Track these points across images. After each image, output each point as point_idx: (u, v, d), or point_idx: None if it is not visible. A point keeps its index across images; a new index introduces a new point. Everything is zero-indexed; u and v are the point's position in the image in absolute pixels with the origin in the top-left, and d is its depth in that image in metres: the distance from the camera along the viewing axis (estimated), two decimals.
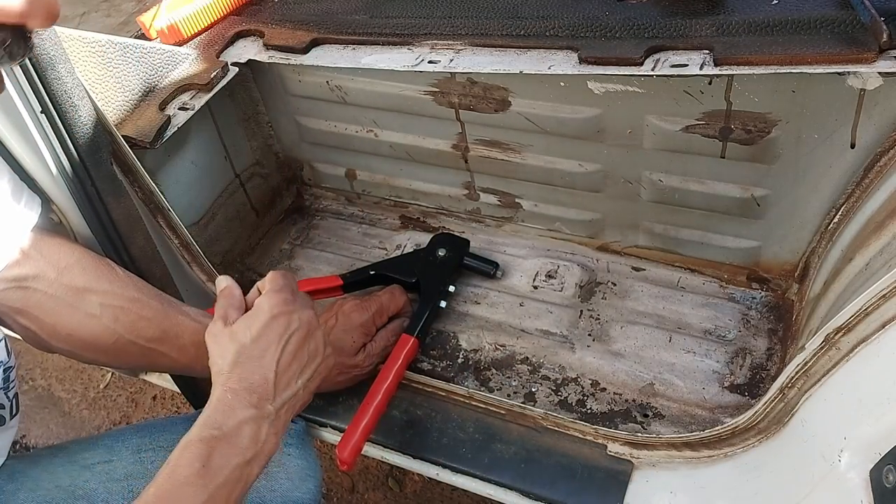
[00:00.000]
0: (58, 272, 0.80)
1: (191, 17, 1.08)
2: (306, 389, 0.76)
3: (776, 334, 1.02)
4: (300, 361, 0.76)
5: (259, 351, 0.74)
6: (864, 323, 0.64)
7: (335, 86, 1.15)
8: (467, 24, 0.96)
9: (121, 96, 0.95)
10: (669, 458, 0.85)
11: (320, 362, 0.78)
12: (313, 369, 0.77)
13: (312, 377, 0.77)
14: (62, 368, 1.82)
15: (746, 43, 0.79)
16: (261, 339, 0.74)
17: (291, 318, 0.76)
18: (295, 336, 0.76)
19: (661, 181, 1.03)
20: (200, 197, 1.19)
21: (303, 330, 0.77)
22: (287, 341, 0.75)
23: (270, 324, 0.75)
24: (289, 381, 0.74)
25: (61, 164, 0.79)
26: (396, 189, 1.30)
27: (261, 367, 0.73)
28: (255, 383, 0.72)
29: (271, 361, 0.74)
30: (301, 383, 0.76)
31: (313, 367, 0.77)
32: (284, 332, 0.75)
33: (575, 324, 1.09)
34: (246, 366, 0.73)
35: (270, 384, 0.73)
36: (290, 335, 0.76)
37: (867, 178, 0.87)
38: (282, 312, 0.76)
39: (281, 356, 0.74)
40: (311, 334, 0.77)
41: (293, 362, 0.75)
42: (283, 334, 0.75)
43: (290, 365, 0.75)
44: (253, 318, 0.76)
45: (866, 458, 0.60)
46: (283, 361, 0.74)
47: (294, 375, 0.75)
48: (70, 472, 0.83)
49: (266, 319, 0.75)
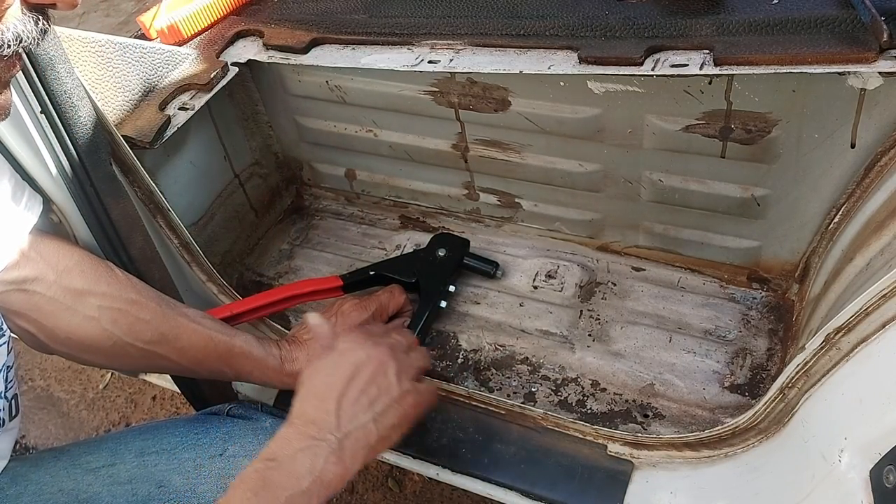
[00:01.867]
0: (57, 274, 0.80)
1: (191, 17, 1.07)
2: (379, 424, 0.76)
3: (776, 334, 1.02)
4: (369, 396, 0.76)
5: (323, 387, 0.76)
6: (864, 323, 0.64)
7: (335, 86, 1.15)
8: (467, 23, 0.96)
9: (120, 96, 0.95)
10: (669, 459, 0.85)
11: (395, 397, 0.78)
12: (385, 403, 0.77)
13: (385, 412, 0.76)
14: (61, 369, 1.82)
15: (746, 43, 0.79)
16: (326, 376, 0.77)
17: (360, 354, 0.79)
18: (365, 369, 0.78)
19: (662, 181, 1.03)
20: (200, 197, 1.18)
21: (373, 363, 0.78)
22: (355, 375, 0.77)
23: (340, 362, 0.78)
24: (355, 414, 0.75)
25: (61, 164, 0.79)
26: (396, 189, 1.30)
27: (322, 401, 0.75)
28: (315, 417, 0.74)
29: (334, 394, 0.75)
30: (370, 416, 0.75)
31: (385, 402, 0.77)
32: (354, 366, 0.78)
33: (575, 324, 1.09)
34: (309, 402, 0.76)
35: (332, 415, 0.74)
36: (360, 369, 0.78)
37: (867, 177, 0.87)
38: (352, 348, 0.79)
39: (346, 389, 0.76)
40: (383, 369, 0.78)
41: (361, 396, 0.76)
42: (353, 368, 0.78)
43: (358, 399, 0.76)
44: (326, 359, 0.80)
45: (866, 458, 0.59)
46: (348, 395, 0.76)
47: (362, 408, 0.75)
48: (73, 476, 0.83)
49: (336, 358, 0.79)
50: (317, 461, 0.70)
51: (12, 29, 0.56)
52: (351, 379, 0.77)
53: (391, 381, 0.78)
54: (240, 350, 0.90)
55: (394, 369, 0.79)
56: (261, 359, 0.92)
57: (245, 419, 0.94)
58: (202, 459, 0.86)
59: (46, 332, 0.82)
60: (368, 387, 0.77)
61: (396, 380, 0.79)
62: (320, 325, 0.88)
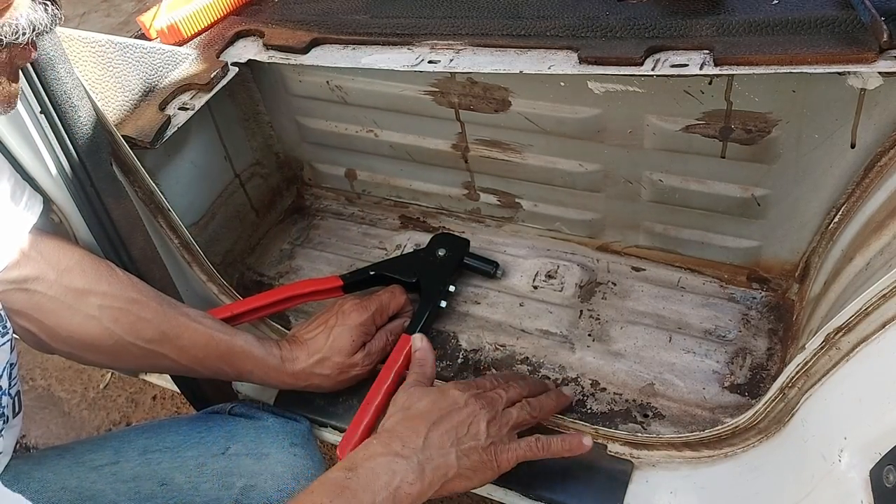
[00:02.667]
0: (58, 274, 0.80)
1: (191, 17, 1.07)
2: (461, 461, 0.77)
3: (776, 334, 1.02)
4: (458, 434, 0.79)
5: (418, 412, 0.80)
6: (864, 323, 0.64)
7: (335, 86, 1.15)
8: (467, 24, 0.96)
9: (121, 96, 0.95)
10: (669, 458, 0.85)
11: (481, 443, 0.79)
12: (469, 446, 0.78)
13: (469, 452, 0.78)
14: (62, 368, 1.82)
15: (746, 43, 0.79)
16: (424, 405, 0.81)
17: (459, 398, 0.82)
18: (460, 412, 0.80)
19: (662, 181, 1.03)
20: (200, 197, 1.18)
21: (468, 409, 0.81)
22: (449, 412, 0.80)
23: (439, 397, 0.82)
24: (441, 443, 0.77)
25: (61, 164, 0.79)
26: (396, 189, 1.30)
27: (414, 423, 0.78)
28: (403, 435, 0.77)
29: (426, 422, 0.78)
30: (454, 451, 0.77)
31: (469, 444, 0.78)
32: (450, 405, 0.81)
33: (575, 324, 1.09)
34: (401, 421, 0.79)
35: (420, 438, 0.76)
36: (455, 409, 0.81)
37: (867, 177, 0.87)
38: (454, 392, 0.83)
39: (439, 421, 0.79)
40: (477, 419, 0.80)
41: (450, 431, 0.78)
42: (448, 407, 0.81)
43: (448, 432, 0.78)
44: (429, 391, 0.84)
45: (866, 458, 0.59)
46: (440, 426, 0.78)
47: (448, 441, 0.78)
48: (77, 474, 0.83)
49: (438, 394, 0.83)
50: (395, 477, 0.72)
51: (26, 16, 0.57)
52: (446, 415, 0.80)
53: (480, 429, 0.80)
54: (240, 349, 0.90)
55: (486, 419, 0.81)
56: (261, 358, 0.92)
57: (247, 418, 0.95)
58: (205, 458, 0.86)
59: (47, 332, 0.82)
60: (459, 426, 0.79)
61: (486, 429, 0.80)
62: (424, 352, 0.93)
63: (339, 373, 0.96)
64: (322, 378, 0.96)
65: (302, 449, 0.91)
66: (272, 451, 0.88)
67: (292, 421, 0.96)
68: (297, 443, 0.91)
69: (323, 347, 0.95)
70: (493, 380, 0.90)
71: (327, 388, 0.98)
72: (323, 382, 0.96)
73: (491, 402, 0.83)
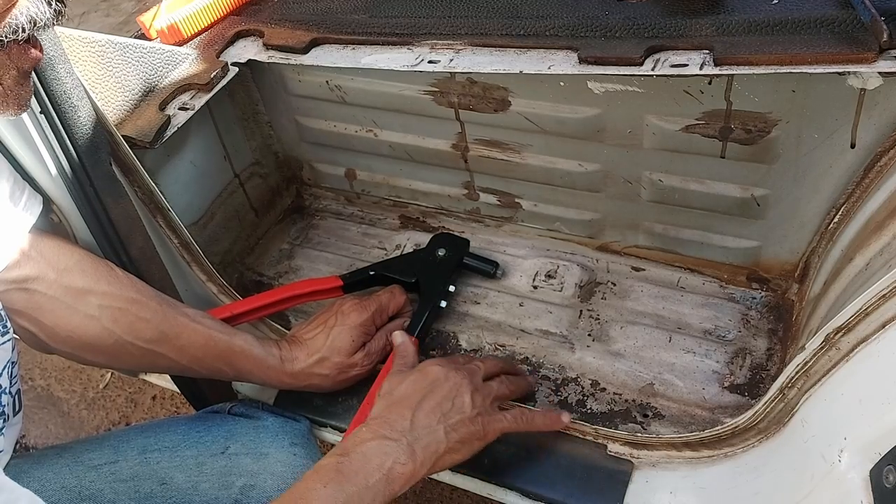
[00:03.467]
0: (58, 273, 0.80)
1: (191, 17, 1.07)
2: (449, 435, 0.78)
3: (776, 334, 1.02)
4: (443, 409, 0.80)
5: (400, 396, 0.81)
6: (864, 323, 0.64)
7: (335, 85, 1.15)
8: (467, 23, 0.96)
9: (121, 96, 0.95)
10: (669, 458, 0.85)
11: (467, 415, 0.80)
12: (457, 419, 0.80)
13: (456, 426, 0.79)
14: (61, 368, 1.82)
15: (746, 43, 0.79)
16: (405, 387, 0.82)
17: (439, 373, 0.83)
18: (441, 387, 0.82)
19: (661, 181, 1.03)
20: (200, 197, 1.18)
21: (450, 383, 0.82)
22: (431, 390, 0.81)
23: (420, 377, 0.83)
24: (428, 422, 0.78)
25: (61, 164, 0.79)
26: (396, 189, 1.30)
27: (399, 407, 0.79)
28: (390, 418, 0.77)
29: (410, 403, 0.79)
30: (442, 427, 0.78)
31: (457, 418, 0.80)
32: (432, 382, 0.82)
33: (575, 324, 1.09)
34: (386, 406, 0.80)
35: (406, 420, 0.77)
36: (436, 385, 0.82)
37: (867, 177, 0.87)
38: (433, 368, 0.84)
39: (423, 401, 0.80)
40: (460, 391, 0.82)
41: (435, 408, 0.79)
42: (430, 385, 0.82)
43: (432, 410, 0.79)
44: (408, 373, 0.85)
45: (866, 458, 0.59)
46: (424, 405, 0.79)
47: (435, 419, 0.79)
48: (76, 473, 0.83)
49: (417, 374, 0.84)
50: (386, 459, 0.73)
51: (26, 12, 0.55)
52: (428, 392, 0.81)
53: (465, 401, 0.81)
54: (240, 349, 0.90)
55: (469, 390, 0.82)
56: (261, 358, 0.92)
57: (247, 417, 0.95)
58: (204, 457, 0.86)
59: (47, 332, 0.82)
60: (443, 402, 0.80)
61: (471, 400, 0.81)
62: (405, 344, 0.93)
63: (338, 373, 0.96)
64: (321, 378, 0.96)
65: (302, 448, 0.91)
66: (271, 450, 0.88)
67: (292, 421, 0.96)
68: (296, 442, 0.91)
69: (322, 347, 0.95)
70: (466, 356, 0.93)
71: (327, 388, 0.98)
72: (322, 382, 0.96)
73: (471, 373, 0.85)
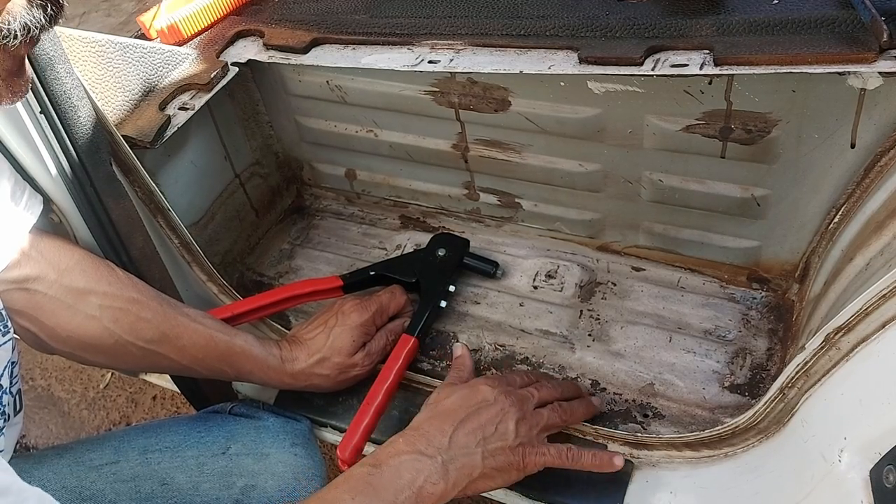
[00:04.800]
0: (58, 274, 0.80)
1: (191, 17, 1.07)
2: (486, 461, 0.76)
3: (776, 334, 1.02)
4: (485, 433, 0.78)
5: (445, 410, 0.79)
6: (864, 323, 0.64)
7: (335, 86, 1.15)
8: (467, 23, 0.96)
9: (121, 96, 0.95)
10: (669, 458, 0.85)
11: (509, 443, 0.78)
12: (496, 446, 0.78)
13: (495, 453, 0.77)
14: (62, 368, 1.82)
15: (746, 43, 0.79)
16: (452, 402, 0.80)
17: (488, 394, 0.81)
18: (488, 409, 0.79)
19: (661, 181, 1.03)
20: (200, 197, 1.18)
21: (497, 407, 0.80)
22: (477, 410, 0.79)
23: (469, 394, 0.81)
24: (467, 443, 0.76)
25: (61, 164, 0.79)
26: (396, 189, 1.30)
27: (441, 422, 0.77)
28: (429, 433, 0.76)
29: (453, 420, 0.77)
30: (480, 451, 0.76)
31: (496, 444, 0.78)
32: (479, 403, 0.80)
33: (575, 324, 1.09)
34: (428, 419, 0.78)
35: (446, 437, 0.75)
36: (483, 407, 0.80)
37: (867, 178, 0.87)
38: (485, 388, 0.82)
39: (466, 420, 0.78)
40: (506, 417, 0.79)
41: (477, 430, 0.77)
42: (477, 404, 0.80)
43: (473, 431, 0.77)
44: (458, 388, 0.83)
45: (866, 458, 0.60)
46: (466, 425, 0.77)
47: (475, 441, 0.77)
48: (76, 473, 0.83)
49: (467, 391, 0.82)
50: (418, 476, 0.72)
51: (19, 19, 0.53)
52: (473, 412, 0.79)
53: (509, 428, 0.79)
54: (240, 349, 0.91)
55: (515, 418, 0.80)
56: (261, 358, 0.92)
57: (248, 417, 0.95)
58: (205, 457, 0.86)
59: (47, 332, 0.82)
60: (487, 425, 0.78)
61: (514, 428, 0.79)
62: (463, 357, 0.93)
63: (338, 373, 0.96)
64: (322, 378, 0.96)
65: (302, 448, 0.91)
66: (272, 450, 0.88)
67: (292, 421, 0.96)
68: (297, 442, 0.91)
69: (323, 348, 0.95)
70: (524, 376, 0.89)
71: (327, 389, 0.98)
72: (323, 382, 0.96)
73: (521, 400, 0.82)
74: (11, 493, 0.54)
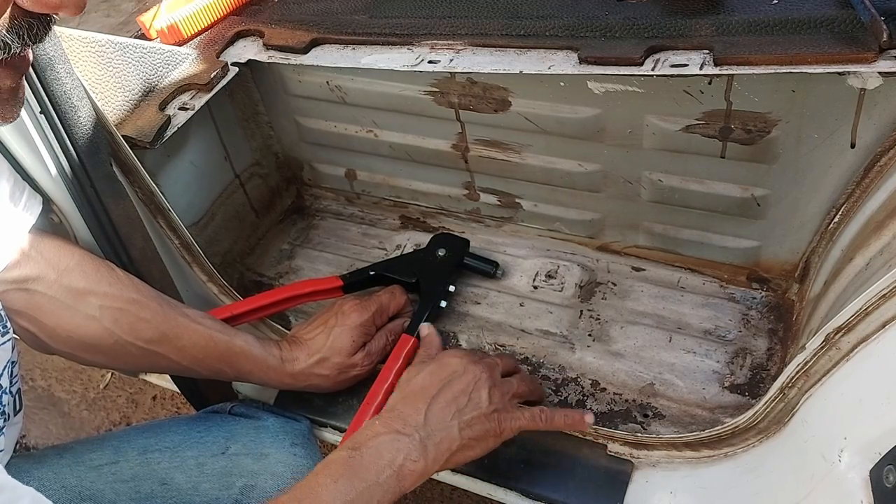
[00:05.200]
0: (58, 274, 0.80)
1: (191, 17, 1.07)
2: (463, 432, 0.77)
3: (776, 334, 1.02)
4: (458, 404, 0.78)
5: (417, 388, 0.79)
6: (864, 323, 0.64)
7: (335, 86, 1.15)
8: (467, 24, 0.96)
9: (121, 96, 0.95)
10: (669, 458, 0.85)
11: (483, 411, 0.79)
12: (473, 415, 0.78)
13: (471, 422, 0.78)
14: (62, 369, 1.82)
15: (746, 43, 0.79)
16: (422, 379, 0.80)
17: (457, 365, 0.81)
18: (459, 380, 0.80)
19: (661, 181, 1.03)
20: (200, 197, 1.18)
21: (468, 377, 0.80)
22: (448, 382, 0.79)
23: (437, 368, 0.82)
24: (442, 417, 0.77)
25: (61, 164, 0.79)
26: (396, 189, 1.30)
27: (414, 400, 0.78)
28: (404, 412, 0.76)
29: (426, 396, 0.78)
30: (456, 423, 0.77)
31: (473, 413, 0.78)
32: (449, 375, 0.80)
33: (575, 324, 1.09)
34: (401, 399, 0.79)
35: (420, 414, 0.76)
36: (454, 378, 0.80)
37: (867, 177, 0.87)
38: (452, 360, 0.82)
39: (438, 394, 0.78)
40: (478, 385, 0.80)
41: (451, 402, 0.78)
42: (447, 377, 0.80)
43: (448, 404, 0.78)
44: (426, 364, 0.83)
45: (866, 458, 0.59)
46: (439, 399, 0.78)
47: (449, 414, 0.77)
48: (76, 473, 0.83)
49: (435, 365, 0.82)
50: (398, 455, 0.72)
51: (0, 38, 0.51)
52: (445, 386, 0.79)
53: (482, 396, 0.79)
54: (240, 350, 0.90)
55: (487, 385, 0.80)
56: (261, 359, 0.92)
57: (247, 417, 0.95)
58: (205, 457, 0.86)
59: (47, 332, 0.82)
60: (460, 396, 0.79)
61: (488, 395, 0.80)
62: (430, 336, 0.93)
63: (338, 373, 0.96)
64: (322, 378, 0.96)
65: (302, 449, 0.91)
66: (272, 450, 0.88)
67: (292, 421, 0.96)
68: (297, 443, 0.91)
69: (323, 348, 0.95)
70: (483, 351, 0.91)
71: (327, 389, 0.98)
72: (323, 383, 0.96)
73: (490, 368, 0.83)
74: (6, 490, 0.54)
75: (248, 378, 0.94)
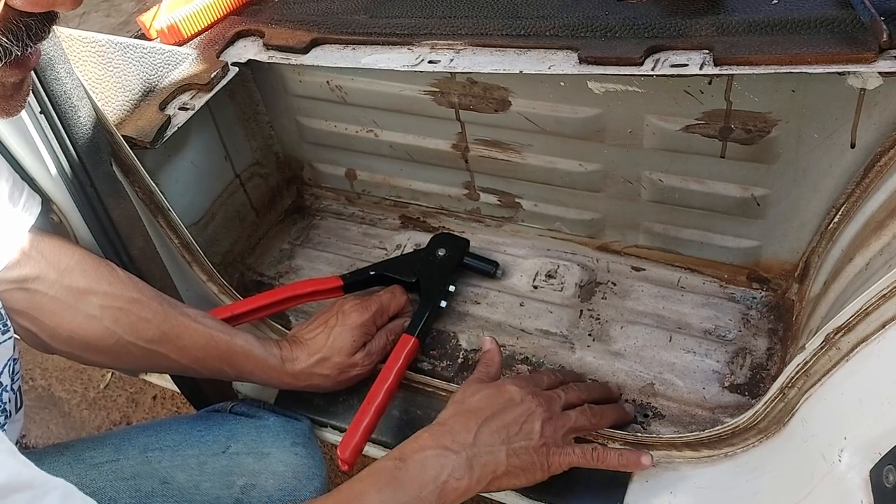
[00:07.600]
0: (58, 273, 0.80)
1: (191, 17, 1.07)
2: (510, 459, 0.77)
3: (776, 334, 1.02)
4: (509, 431, 0.78)
5: (472, 407, 0.80)
6: (864, 323, 0.64)
7: (335, 86, 1.15)
8: (467, 24, 0.96)
9: (121, 96, 0.95)
10: (669, 458, 0.85)
11: (533, 442, 0.78)
12: (520, 445, 0.78)
13: (519, 451, 0.77)
14: (62, 368, 1.82)
15: (746, 43, 0.79)
16: (478, 400, 0.81)
17: (515, 394, 0.81)
18: (514, 409, 0.80)
19: (661, 181, 1.03)
20: (200, 197, 1.18)
21: (523, 407, 0.80)
22: (503, 409, 0.79)
23: (495, 393, 0.81)
24: (492, 441, 0.77)
25: (61, 164, 0.79)
26: (396, 189, 1.30)
27: (466, 419, 0.78)
28: (455, 429, 0.76)
29: (479, 417, 0.78)
30: (504, 448, 0.77)
31: (520, 444, 0.78)
32: (505, 402, 0.80)
33: (575, 324, 1.09)
34: (454, 415, 0.79)
35: (471, 434, 0.76)
36: (509, 406, 0.80)
37: (867, 177, 0.87)
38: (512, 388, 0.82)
39: (492, 418, 0.78)
40: (531, 418, 0.79)
41: (502, 428, 0.78)
42: (503, 403, 0.80)
43: (499, 429, 0.77)
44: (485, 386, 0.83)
45: (866, 458, 0.59)
46: (491, 423, 0.78)
47: (499, 439, 0.77)
48: (77, 471, 0.83)
49: (493, 390, 0.82)
50: (443, 471, 0.72)
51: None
52: (499, 411, 0.79)
53: (534, 428, 0.79)
54: (240, 349, 0.91)
55: (541, 419, 0.80)
56: (261, 358, 0.92)
57: (248, 417, 0.95)
58: (205, 456, 0.86)
59: (48, 332, 0.82)
60: (511, 424, 0.78)
61: (540, 428, 0.79)
62: (492, 352, 0.92)
63: (339, 373, 0.96)
64: (322, 378, 0.96)
65: (303, 448, 0.91)
66: (273, 449, 0.88)
67: (293, 420, 0.96)
68: (298, 442, 0.91)
69: (323, 347, 0.95)
70: (552, 375, 0.90)
71: (327, 388, 0.98)
72: (323, 382, 0.96)
73: (548, 401, 0.82)
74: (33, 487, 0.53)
75: (248, 378, 0.94)
